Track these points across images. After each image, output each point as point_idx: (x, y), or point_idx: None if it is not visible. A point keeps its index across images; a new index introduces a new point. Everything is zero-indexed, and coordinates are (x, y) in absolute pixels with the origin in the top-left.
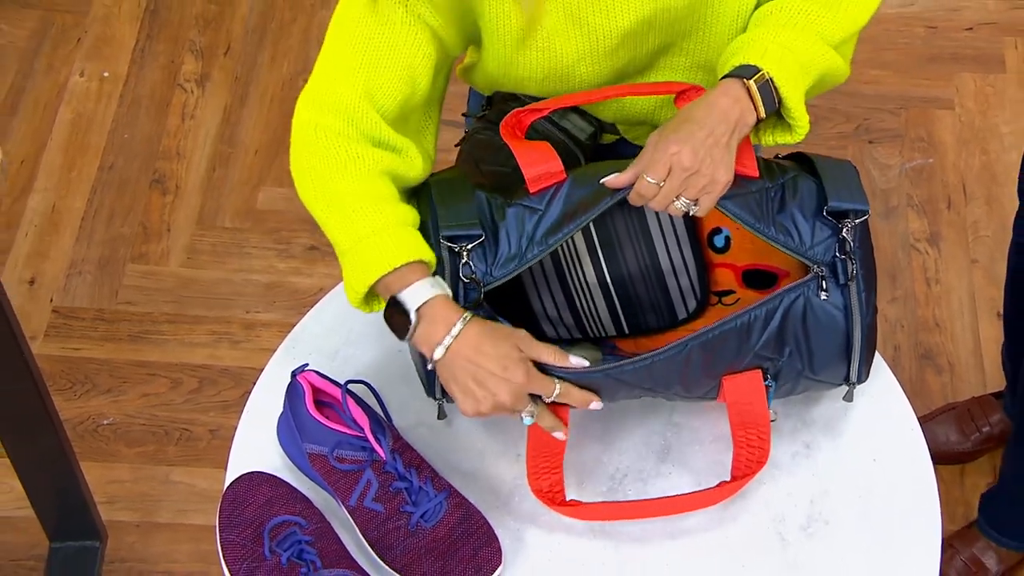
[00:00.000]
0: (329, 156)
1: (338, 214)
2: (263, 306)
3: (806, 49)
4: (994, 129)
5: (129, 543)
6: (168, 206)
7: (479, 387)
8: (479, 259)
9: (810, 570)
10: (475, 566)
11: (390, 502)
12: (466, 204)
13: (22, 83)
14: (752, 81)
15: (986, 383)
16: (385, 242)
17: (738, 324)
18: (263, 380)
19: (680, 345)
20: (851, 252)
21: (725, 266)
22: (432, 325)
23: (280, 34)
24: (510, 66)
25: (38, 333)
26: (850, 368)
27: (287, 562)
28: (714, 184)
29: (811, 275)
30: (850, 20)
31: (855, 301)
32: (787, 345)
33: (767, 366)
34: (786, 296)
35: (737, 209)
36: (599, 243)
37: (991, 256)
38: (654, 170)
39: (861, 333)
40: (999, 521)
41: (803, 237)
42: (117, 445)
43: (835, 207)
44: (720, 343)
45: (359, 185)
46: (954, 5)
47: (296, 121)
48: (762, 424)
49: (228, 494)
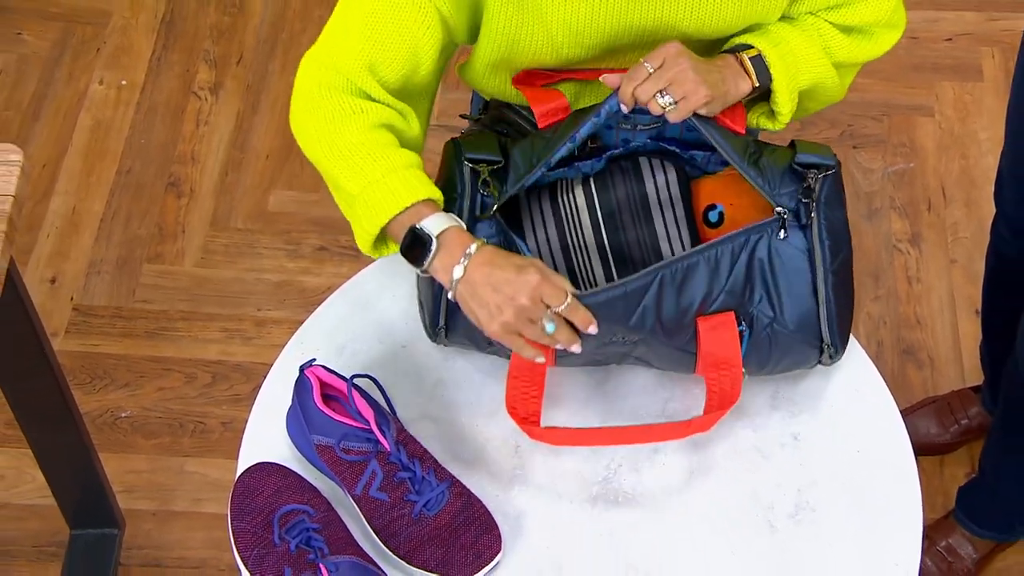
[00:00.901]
0: (333, 109)
1: (345, 161)
2: (273, 304)
3: (808, 54)
4: (972, 135)
5: (146, 530)
6: (183, 208)
7: (497, 294)
8: (496, 180)
9: (797, 555)
10: (475, 552)
11: (394, 491)
12: (488, 140)
13: (44, 91)
14: (744, 54)
15: (965, 377)
16: (396, 183)
17: (706, 255)
18: (273, 375)
19: (652, 271)
20: (813, 198)
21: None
22: (449, 250)
23: (290, 44)
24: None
25: (59, 330)
26: (820, 324)
27: (295, 549)
28: (696, 93)
29: (775, 216)
30: (859, 50)
31: (817, 245)
32: (756, 289)
33: (739, 310)
34: (751, 234)
35: (722, 140)
36: (601, 211)
37: (970, 256)
38: (653, 57)
39: (826, 281)
40: (976, 512)
41: (773, 182)
42: (134, 437)
43: (802, 159)
44: (690, 273)
45: (363, 135)
46: (934, 17)
47: (299, 78)
48: (734, 364)
49: (239, 484)
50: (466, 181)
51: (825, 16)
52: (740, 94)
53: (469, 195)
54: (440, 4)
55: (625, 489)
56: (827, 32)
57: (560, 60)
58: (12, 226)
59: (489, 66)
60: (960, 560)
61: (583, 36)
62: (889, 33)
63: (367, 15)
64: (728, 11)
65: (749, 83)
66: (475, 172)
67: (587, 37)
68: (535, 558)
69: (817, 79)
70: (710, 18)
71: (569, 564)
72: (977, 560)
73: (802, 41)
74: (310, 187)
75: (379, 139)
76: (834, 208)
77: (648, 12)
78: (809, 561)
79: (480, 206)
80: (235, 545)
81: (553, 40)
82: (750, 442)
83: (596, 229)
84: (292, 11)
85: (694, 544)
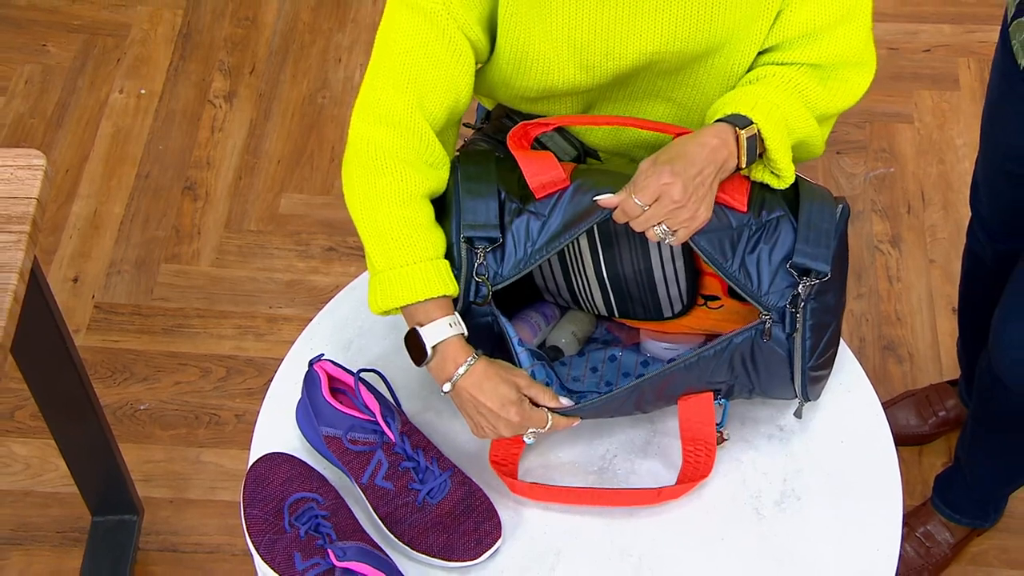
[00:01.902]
0: (377, 174)
1: (378, 237)
2: (284, 302)
3: (793, 112)
4: (950, 141)
5: (163, 517)
6: (199, 211)
7: (482, 419)
8: (492, 259)
9: (783, 541)
10: (476, 539)
11: (399, 480)
12: (485, 203)
13: (67, 99)
14: (743, 131)
15: (943, 372)
16: (415, 275)
17: (685, 366)
18: (283, 369)
19: (632, 388)
20: (800, 307)
21: (714, 275)
22: (444, 361)
23: (300, 55)
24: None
25: (81, 327)
26: (796, 390)
27: (305, 535)
28: (694, 220)
29: (758, 321)
30: (836, 99)
31: (797, 350)
32: (736, 373)
33: (719, 388)
34: (732, 339)
35: (707, 246)
36: (600, 243)
37: (947, 256)
38: (644, 194)
39: (803, 374)
40: (952, 500)
41: (762, 282)
42: (152, 428)
43: (799, 263)
44: (671, 379)
45: (401, 211)
46: (913, 29)
47: (351, 133)
48: (709, 441)
49: (251, 473)
50: (463, 258)
51: (797, 54)
52: (727, 174)
53: (465, 276)
54: (468, 31)
55: (620, 478)
56: (803, 85)
57: (567, 84)
58: (36, 227)
59: (499, 84)
60: (938, 545)
61: (587, 55)
62: (860, 74)
63: (403, 57)
64: (722, 27)
65: (736, 163)
66: (472, 251)
67: (591, 57)
68: (534, 544)
69: (804, 136)
70: (706, 34)
71: (567, 550)
72: (954, 545)
73: (787, 102)
74: (319, 191)
75: (414, 218)
76: (823, 302)
77: (648, 29)
78: (794, 546)
79: (475, 290)
80: (247, 531)
81: (560, 59)
82: (739, 434)
83: (596, 261)
84: (302, 23)
85: (685, 530)
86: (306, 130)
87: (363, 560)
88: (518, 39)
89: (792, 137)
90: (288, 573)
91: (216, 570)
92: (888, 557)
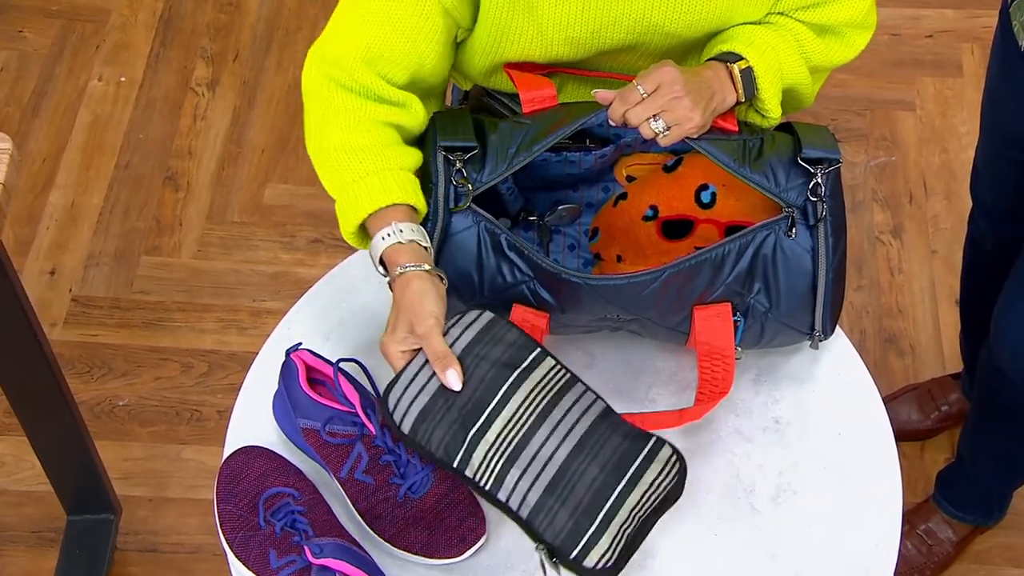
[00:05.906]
0: (325, 107)
1: (327, 164)
2: (268, 295)
3: (788, 57)
4: (953, 129)
5: (142, 516)
6: (180, 202)
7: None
8: (472, 168)
9: (778, 537)
10: (460, 535)
11: (379, 474)
12: (463, 118)
13: (44, 87)
14: (735, 66)
15: (945, 365)
16: (371, 185)
17: (712, 255)
18: (260, 361)
19: (657, 272)
20: (822, 196)
21: (710, 222)
22: (392, 269)
23: (285, 42)
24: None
25: (58, 320)
26: (815, 316)
27: (281, 531)
28: (689, 119)
29: (782, 215)
30: (832, 53)
31: (822, 244)
32: (756, 281)
33: (736, 301)
34: (759, 233)
35: (717, 151)
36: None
37: (950, 247)
38: (646, 81)
39: (826, 278)
40: (954, 496)
41: (779, 180)
42: (132, 425)
43: (808, 155)
44: (695, 272)
45: (349, 136)
46: (915, 14)
47: (304, 72)
48: (727, 355)
49: (225, 467)
50: (440, 171)
51: (802, 15)
52: (726, 107)
53: (443, 185)
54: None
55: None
56: (802, 35)
57: (549, 57)
58: (2, 214)
59: (479, 54)
60: (940, 543)
61: (572, 32)
62: (860, 35)
63: (364, 10)
64: (715, 11)
65: (735, 96)
66: (449, 161)
67: (577, 34)
68: (520, 540)
69: (795, 83)
70: (698, 18)
71: None
72: (956, 543)
73: (783, 46)
74: (305, 181)
75: (363, 141)
76: (837, 199)
77: (637, 11)
78: (790, 543)
79: (454, 197)
80: (220, 528)
81: (543, 35)
82: (733, 426)
83: None
84: (287, 9)
85: (678, 525)
86: (291, 119)
87: (341, 557)
88: (501, 11)
89: (784, 81)
90: (263, 571)
91: (197, 570)
92: (887, 552)
